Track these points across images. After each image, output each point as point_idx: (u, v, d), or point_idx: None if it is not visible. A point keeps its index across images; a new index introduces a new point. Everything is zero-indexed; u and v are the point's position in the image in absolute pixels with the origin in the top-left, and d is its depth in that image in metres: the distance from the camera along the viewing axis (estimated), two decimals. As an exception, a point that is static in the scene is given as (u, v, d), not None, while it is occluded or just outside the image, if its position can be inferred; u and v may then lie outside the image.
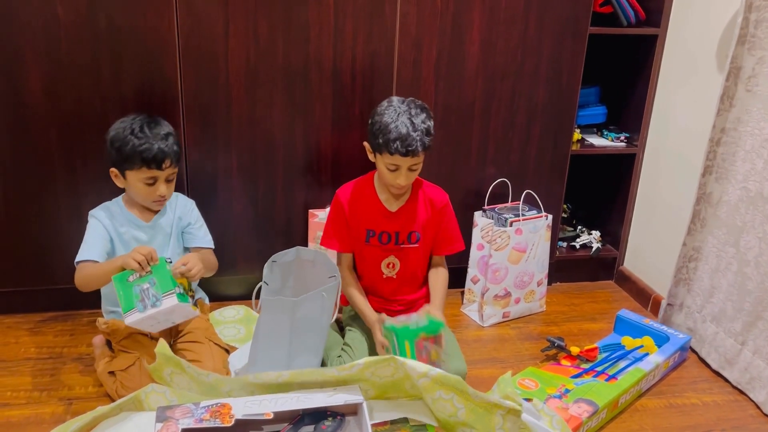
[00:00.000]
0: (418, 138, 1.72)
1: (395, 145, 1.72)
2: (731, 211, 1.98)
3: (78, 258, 1.75)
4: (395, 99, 1.82)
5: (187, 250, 1.93)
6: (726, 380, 2.00)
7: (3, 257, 2.05)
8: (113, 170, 1.79)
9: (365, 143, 1.88)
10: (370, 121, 1.83)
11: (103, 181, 1.98)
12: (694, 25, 2.20)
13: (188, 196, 2.06)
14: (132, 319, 1.62)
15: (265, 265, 1.76)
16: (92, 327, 2.06)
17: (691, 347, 2.15)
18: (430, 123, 1.78)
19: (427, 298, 2.04)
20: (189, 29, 1.95)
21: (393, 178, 1.81)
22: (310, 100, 2.10)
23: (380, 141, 1.77)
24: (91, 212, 1.82)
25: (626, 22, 2.33)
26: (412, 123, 1.73)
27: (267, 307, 1.66)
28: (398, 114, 1.75)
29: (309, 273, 1.83)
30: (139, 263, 1.61)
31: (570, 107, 2.31)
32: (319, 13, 2.01)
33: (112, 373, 1.76)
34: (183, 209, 1.92)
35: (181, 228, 1.92)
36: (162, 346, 1.54)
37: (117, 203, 1.85)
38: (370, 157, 1.88)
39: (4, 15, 1.83)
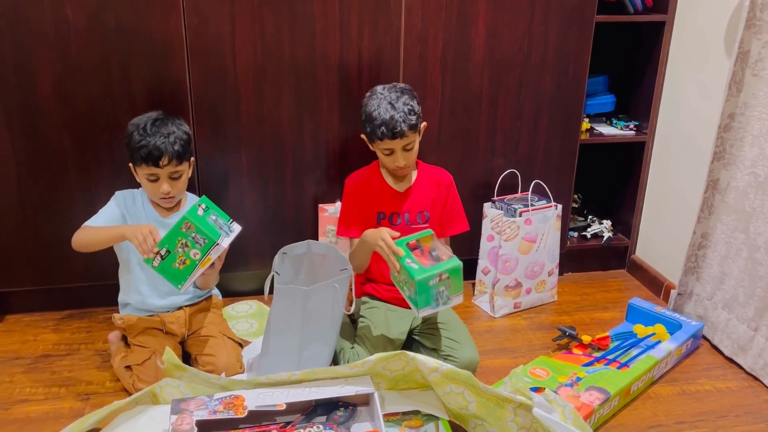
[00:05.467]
0: (400, 119, 1.81)
1: (381, 130, 1.82)
2: (740, 197, 1.97)
3: (85, 223, 1.79)
4: (378, 87, 1.90)
5: None
6: (740, 366, 1.99)
7: (20, 257, 2.09)
8: (130, 164, 1.83)
9: (362, 135, 1.93)
10: (360, 114, 1.90)
11: (115, 179, 2.01)
12: (701, 10, 2.19)
13: (199, 193, 2.09)
14: (227, 242, 1.68)
15: (276, 256, 1.78)
16: (108, 324, 2.09)
17: (703, 335, 2.14)
18: (413, 103, 1.86)
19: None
20: (196, 28, 1.97)
21: (392, 161, 1.89)
22: (317, 95, 2.11)
23: (369, 130, 1.86)
24: (117, 193, 1.87)
25: (633, 9, 2.32)
26: (393, 106, 1.82)
27: (279, 296, 1.69)
28: (379, 101, 1.84)
29: (320, 266, 1.85)
30: (143, 240, 1.63)
31: (578, 96, 2.31)
32: (324, 8, 2.03)
33: (128, 367, 1.80)
34: None
35: None
36: (169, 354, 1.55)
37: (142, 193, 1.89)
38: (370, 147, 1.94)
39: (16, 19, 1.86)
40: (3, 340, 2.05)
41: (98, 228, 1.77)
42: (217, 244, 1.64)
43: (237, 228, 1.73)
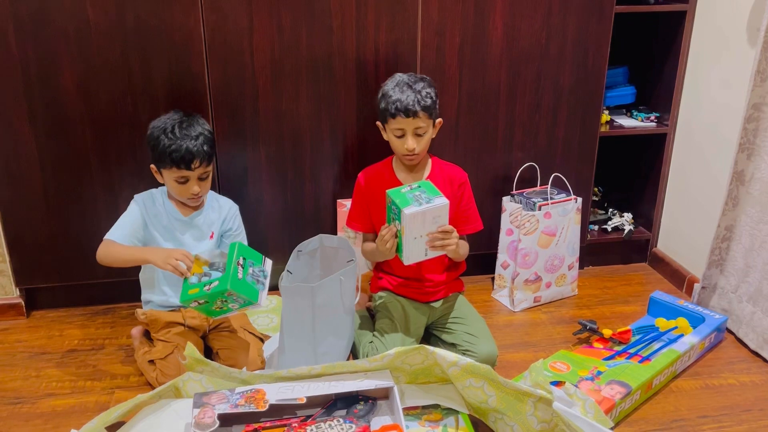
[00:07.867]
0: (414, 98, 1.81)
1: (395, 107, 1.82)
2: (765, 188, 1.94)
3: (107, 235, 1.82)
4: (398, 74, 1.90)
5: None
6: (765, 360, 1.97)
7: (45, 254, 2.13)
8: (152, 166, 1.84)
9: (377, 122, 1.92)
10: (378, 100, 1.89)
11: (137, 177, 2.04)
12: (723, -1, 2.16)
13: (219, 189, 2.11)
14: (263, 298, 1.71)
15: (291, 254, 1.80)
16: (131, 319, 2.12)
17: (728, 328, 2.12)
18: (430, 89, 1.86)
19: (455, 282, 2.05)
20: (214, 25, 1.99)
21: (401, 144, 1.86)
22: (334, 90, 2.12)
23: (383, 107, 1.86)
24: (136, 196, 1.89)
25: (653, -1, 2.29)
26: (410, 87, 1.83)
27: (287, 295, 1.70)
28: (397, 83, 1.86)
29: (333, 259, 1.87)
30: (177, 265, 1.69)
31: (597, 88, 2.29)
32: (340, 3, 2.03)
33: (152, 362, 1.82)
34: (227, 213, 1.96)
35: (222, 231, 1.96)
36: (190, 349, 1.57)
37: (162, 192, 1.91)
38: (384, 135, 1.92)
39: (39, 20, 1.89)
40: (30, 336, 2.09)
41: (123, 248, 1.80)
42: (256, 304, 1.68)
43: (269, 266, 1.76)
